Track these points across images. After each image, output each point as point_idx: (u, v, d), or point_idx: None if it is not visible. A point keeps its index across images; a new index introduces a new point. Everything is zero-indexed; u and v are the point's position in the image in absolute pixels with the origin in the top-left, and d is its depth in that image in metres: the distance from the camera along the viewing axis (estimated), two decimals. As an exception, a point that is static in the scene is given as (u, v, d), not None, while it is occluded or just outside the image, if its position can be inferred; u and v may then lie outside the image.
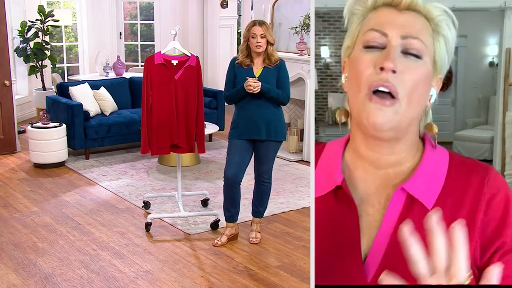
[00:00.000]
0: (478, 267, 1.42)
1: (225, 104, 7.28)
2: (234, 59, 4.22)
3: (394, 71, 1.43)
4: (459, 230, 1.28)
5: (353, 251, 1.49)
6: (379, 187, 1.53)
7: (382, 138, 1.49)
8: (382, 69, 1.43)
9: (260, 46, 4.04)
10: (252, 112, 4.09)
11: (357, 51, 1.50)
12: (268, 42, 4.06)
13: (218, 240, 4.28)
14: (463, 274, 1.26)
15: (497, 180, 1.49)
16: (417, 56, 1.44)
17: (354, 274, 1.48)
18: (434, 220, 1.29)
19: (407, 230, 1.30)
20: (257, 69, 4.10)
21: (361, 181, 1.55)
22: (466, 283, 1.26)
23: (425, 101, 1.50)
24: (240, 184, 4.16)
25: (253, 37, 4.05)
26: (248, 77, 4.02)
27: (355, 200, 1.53)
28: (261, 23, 4.09)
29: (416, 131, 1.53)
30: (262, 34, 4.03)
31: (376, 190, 1.53)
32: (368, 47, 1.47)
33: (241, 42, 4.19)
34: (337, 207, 1.54)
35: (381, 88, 1.44)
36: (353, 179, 1.56)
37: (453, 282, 1.25)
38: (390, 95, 1.44)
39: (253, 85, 3.97)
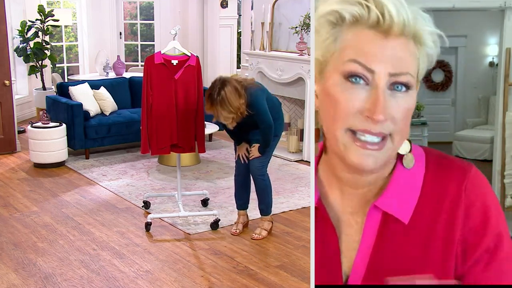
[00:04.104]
0: (459, 276, 1.36)
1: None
2: None
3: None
4: None
5: (335, 274, 1.42)
6: (355, 206, 1.44)
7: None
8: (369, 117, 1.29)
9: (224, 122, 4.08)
10: (245, 134, 4.27)
11: (335, 81, 1.32)
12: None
13: (236, 229, 4.44)
14: None
15: (476, 183, 1.38)
16: (405, 88, 1.31)
17: None
18: None
19: None
20: None
21: (337, 200, 1.45)
22: None
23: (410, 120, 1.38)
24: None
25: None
26: (241, 154, 4.29)
27: (332, 220, 1.44)
28: (214, 102, 3.90)
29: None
30: (214, 113, 3.99)
31: (352, 209, 1.44)
32: (349, 78, 1.30)
33: None
34: (316, 228, 1.46)
35: (368, 135, 1.30)
36: (328, 197, 1.46)
37: None
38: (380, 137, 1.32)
39: (252, 154, 4.22)
